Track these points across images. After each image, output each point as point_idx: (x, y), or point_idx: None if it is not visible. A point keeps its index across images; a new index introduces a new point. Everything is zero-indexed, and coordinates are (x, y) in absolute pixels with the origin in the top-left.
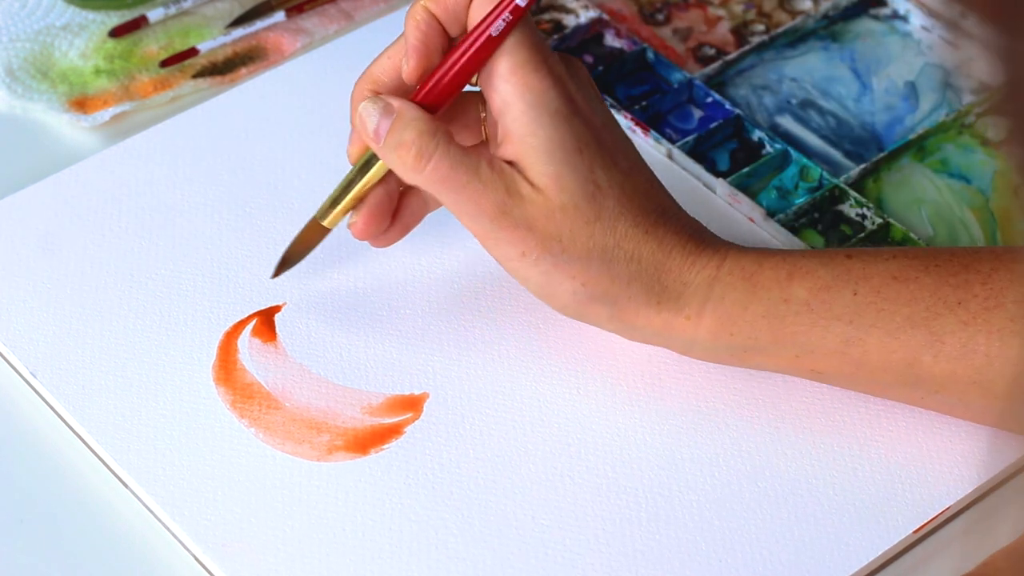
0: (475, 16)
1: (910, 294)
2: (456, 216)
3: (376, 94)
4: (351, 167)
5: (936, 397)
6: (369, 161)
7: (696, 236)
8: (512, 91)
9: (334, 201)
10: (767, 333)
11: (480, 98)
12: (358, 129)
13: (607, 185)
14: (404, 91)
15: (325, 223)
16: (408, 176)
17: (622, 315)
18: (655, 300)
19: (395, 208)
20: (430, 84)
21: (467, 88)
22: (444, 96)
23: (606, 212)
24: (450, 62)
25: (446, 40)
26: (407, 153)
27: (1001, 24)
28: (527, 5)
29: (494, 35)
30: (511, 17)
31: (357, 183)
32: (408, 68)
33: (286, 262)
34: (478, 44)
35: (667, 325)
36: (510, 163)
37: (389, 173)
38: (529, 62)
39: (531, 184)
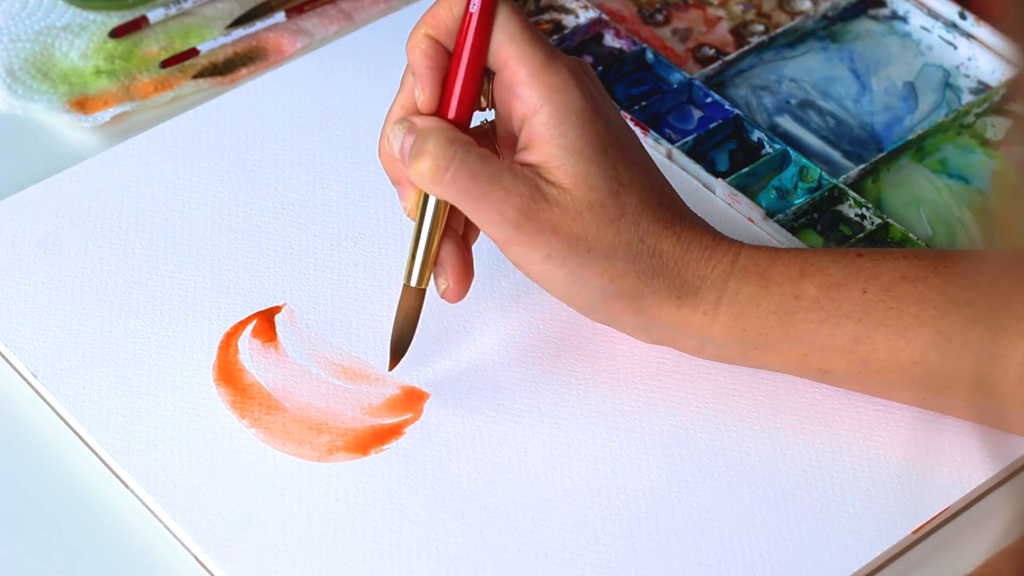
0: (459, 16)
1: (919, 293)
2: (478, 224)
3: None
4: (413, 222)
5: (939, 397)
6: (425, 208)
7: (710, 231)
8: (537, 96)
9: (412, 259)
10: (777, 329)
11: (490, 129)
12: (391, 154)
13: (629, 182)
14: None
15: (421, 285)
16: (428, 187)
17: (646, 310)
18: (675, 295)
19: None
20: (446, 97)
21: (476, 120)
22: (465, 101)
23: (629, 209)
24: (454, 66)
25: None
26: (425, 164)
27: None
28: None
29: (472, 11)
30: None
31: (428, 231)
32: (424, 97)
33: (399, 344)
34: (467, 29)
35: (685, 320)
36: (535, 165)
37: (451, 229)
38: (547, 65)
39: (557, 185)
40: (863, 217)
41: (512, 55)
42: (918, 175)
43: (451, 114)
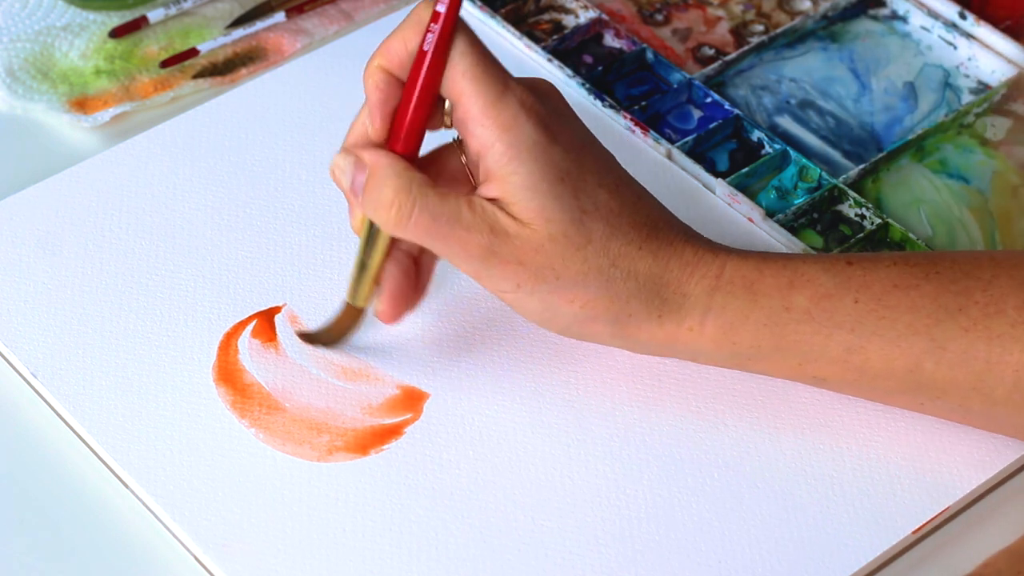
0: (414, 50)
1: (911, 301)
2: (447, 260)
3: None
4: (359, 239)
5: (937, 403)
6: (372, 226)
7: (692, 243)
8: (488, 133)
9: (357, 279)
10: (769, 341)
11: (458, 146)
12: (338, 186)
13: (593, 208)
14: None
15: (358, 304)
16: (391, 231)
17: (624, 332)
18: (656, 314)
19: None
20: (396, 128)
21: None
22: (413, 134)
23: (596, 234)
24: (406, 99)
25: None
26: (386, 212)
27: None
28: (448, 10)
29: (426, 49)
30: (437, 26)
31: (371, 252)
32: (374, 127)
33: (321, 342)
34: (420, 66)
35: (670, 337)
36: (495, 199)
37: (395, 251)
38: (498, 101)
39: (516, 219)
40: (863, 217)
41: (464, 91)
42: (918, 175)
43: (400, 146)
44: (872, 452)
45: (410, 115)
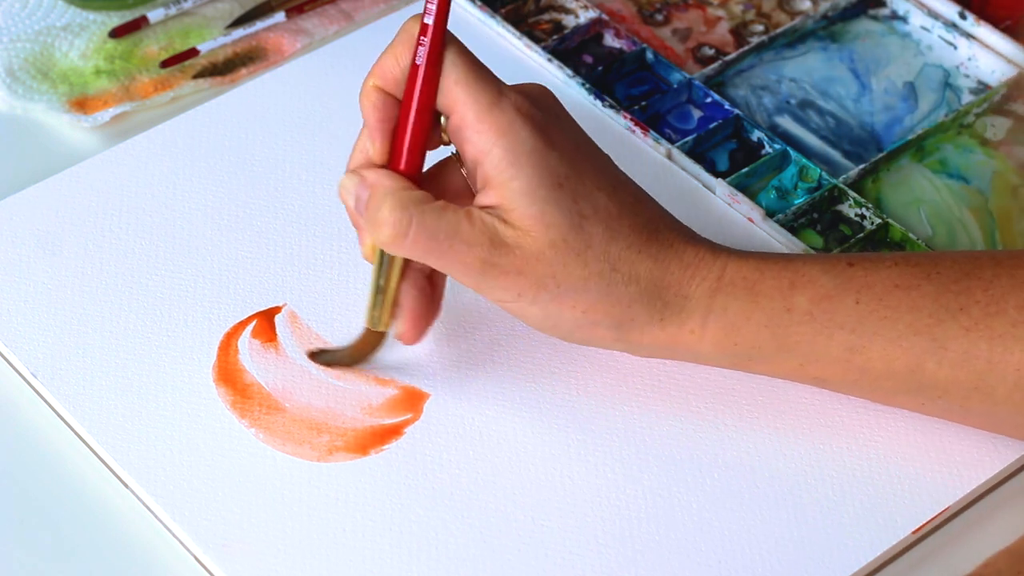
0: (407, 67)
1: (912, 302)
2: (446, 274)
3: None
4: (372, 265)
5: (938, 403)
6: (382, 253)
7: (692, 245)
8: (484, 139)
9: (374, 304)
10: (770, 342)
11: (457, 160)
12: (346, 208)
13: (592, 212)
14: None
15: (379, 328)
16: (389, 250)
17: (627, 336)
18: (658, 317)
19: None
20: (396, 147)
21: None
22: (414, 151)
23: (596, 239)
24: (403, 116)
25: None
26: (384, 231)
27: None
28: (436, 20)
29: (419, 62)
30: (427, 39)
31: (387, 275)
32: (375, 148)
33: (340, 363)
34: (415, 80)
35: (672, 340)
36: (493, 207)
37: (409, 271)
38: (493, 106)
39: (515, 227)
40: (863, 217)
41: (458, 99)
42: (918, 175)
43: (402, 165)
44: (872, 452)
45: (409, 131)
